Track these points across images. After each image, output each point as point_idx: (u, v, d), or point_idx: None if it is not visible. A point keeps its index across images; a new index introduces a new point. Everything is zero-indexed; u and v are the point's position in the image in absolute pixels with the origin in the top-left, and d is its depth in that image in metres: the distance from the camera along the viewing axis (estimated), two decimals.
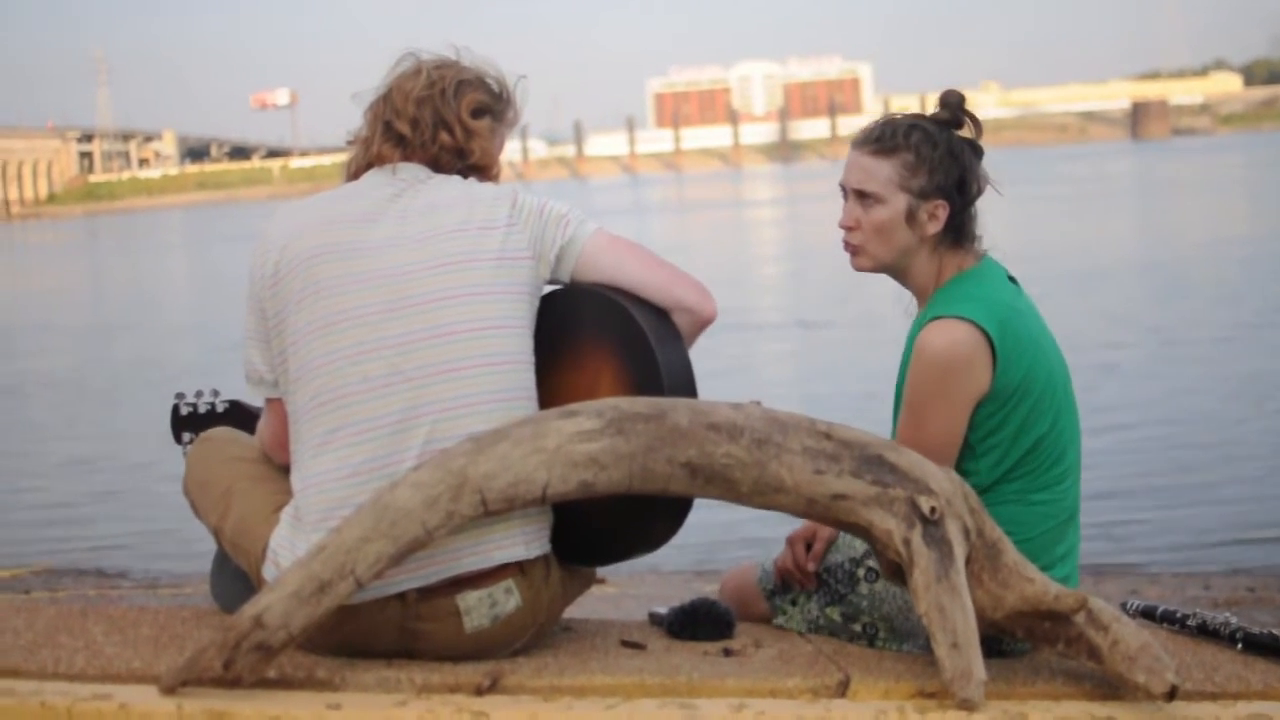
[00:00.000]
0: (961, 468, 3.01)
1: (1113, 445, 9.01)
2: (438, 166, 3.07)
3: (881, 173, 3.09)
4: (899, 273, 3.16)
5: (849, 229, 3.14)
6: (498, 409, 2.87)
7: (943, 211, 3.08)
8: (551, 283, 3.06)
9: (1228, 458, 8.80)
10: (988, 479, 3.02)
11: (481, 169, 3.12)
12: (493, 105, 3.12)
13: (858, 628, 3.17)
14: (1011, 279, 3.15)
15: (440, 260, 2.93)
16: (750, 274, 26.45)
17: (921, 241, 3.10)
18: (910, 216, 3.08)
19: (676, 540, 3.07)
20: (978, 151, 3.15)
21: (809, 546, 3.22)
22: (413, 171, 3.05)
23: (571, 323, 3.03)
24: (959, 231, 3.12)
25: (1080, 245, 26.30)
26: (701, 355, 3.05)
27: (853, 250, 3.16)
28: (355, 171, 3.11)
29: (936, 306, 3.03)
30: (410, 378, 2.86)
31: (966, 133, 3.15)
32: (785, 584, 3.29)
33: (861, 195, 3.11)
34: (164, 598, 5.28)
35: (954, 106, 3.14)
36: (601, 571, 3.48)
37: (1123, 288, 19.40)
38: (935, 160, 3.08)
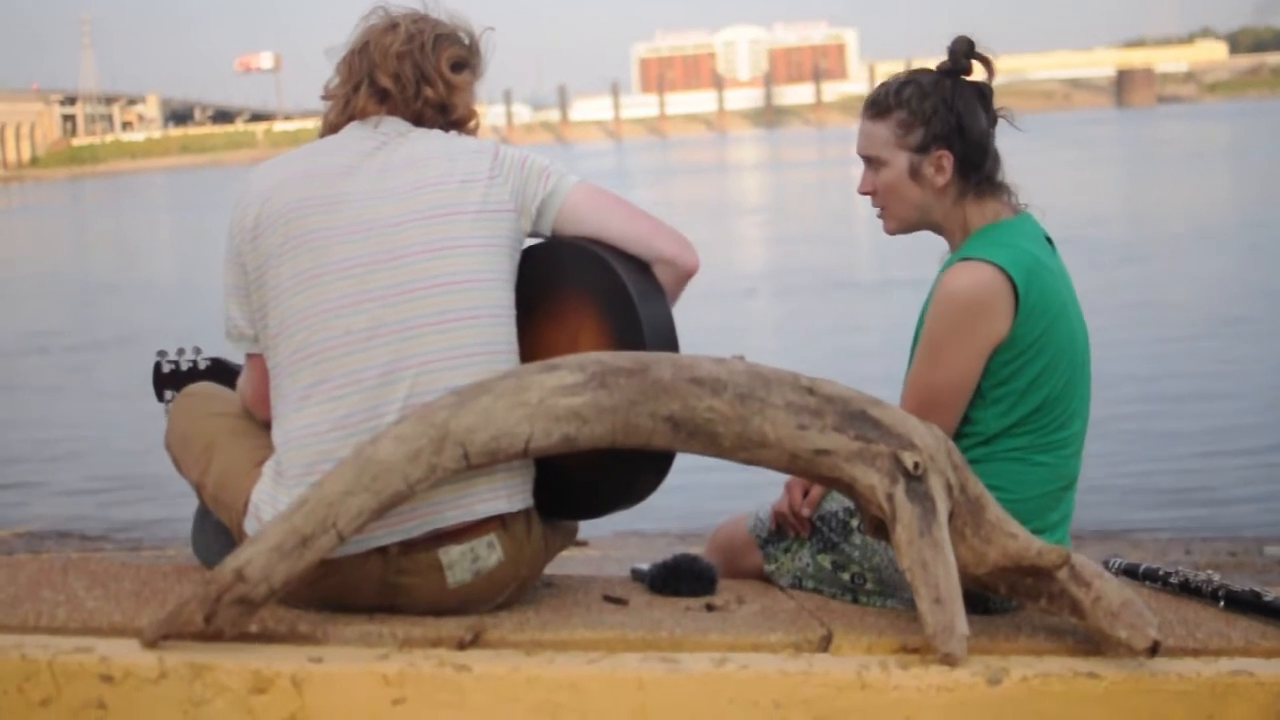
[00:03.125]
0: (969, 413, 3.01)
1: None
2: (419, 121, 3.06)
3: (879, 135, 3.11)
4: (932, 228, 3.17)
5: (868, 194, 3.17)
6: (480, 362, 2.85)
7: (947, 161, 3.07)
8: (533, 236, 3.04)
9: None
10: (993, 428, 3.01)
11: (462, 122, 3.10)
12: (469, 58, 3.11)
13: (846, 577, 3.17)
14: (1049, 240, 3.13)
15: (423, 213, 2.91)
16: (735, 235, 26.48)
17: (937, 194, 3.10)
18: (914, 172, 3.08)
19: (659, 502, 3.06)
20: (982, 92, 3.12)
21: (806, 492, 3.23)
22: (394, 125, 3.03)
23: (553, 276, 3.02)
24: (977, 175, 3.09)
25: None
26: (684, 314, 3.04)
27: (881, 216, 3.19)
28: (334, 125, 3.08)
29: (965, 250, 3.03)
30: (395, 330, 2.85)
31: (977, 77, 3.12)
32: (779, 531, 3.29)
33: (869, 161, 3.14)
34: (146, 558, 5.27)
35: (959, 53, 3.11)
36: (584, 534, 3.47)
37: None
38: (928, 112, 3.07)
